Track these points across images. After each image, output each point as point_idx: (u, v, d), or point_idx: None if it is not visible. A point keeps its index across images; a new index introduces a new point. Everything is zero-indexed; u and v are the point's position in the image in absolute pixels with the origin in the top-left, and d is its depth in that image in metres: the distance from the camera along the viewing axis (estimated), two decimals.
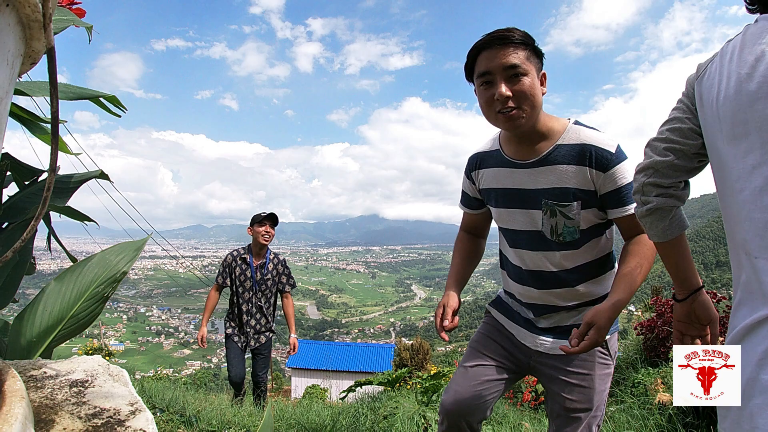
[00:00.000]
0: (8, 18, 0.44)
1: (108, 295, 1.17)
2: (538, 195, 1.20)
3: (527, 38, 1.11)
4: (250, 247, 3.47)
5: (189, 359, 61.57)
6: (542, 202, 1.20)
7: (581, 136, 1.15)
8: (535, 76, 1.11)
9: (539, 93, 1.12)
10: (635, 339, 4.28)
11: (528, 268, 1.30)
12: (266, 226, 3.36)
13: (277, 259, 3.52)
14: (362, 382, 3.32)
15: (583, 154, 1.14)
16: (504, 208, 1.29)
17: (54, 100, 0.52)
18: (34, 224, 0.61)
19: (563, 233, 1.20)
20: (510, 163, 1.24)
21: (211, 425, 2.38)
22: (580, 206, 1.17)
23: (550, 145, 1.18)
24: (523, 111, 1.11)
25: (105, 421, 0.62)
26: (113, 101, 1.47)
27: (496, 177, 1.28)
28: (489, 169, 1.30)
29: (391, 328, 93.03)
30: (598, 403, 1.27)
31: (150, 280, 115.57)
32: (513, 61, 1.08)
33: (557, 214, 1.19)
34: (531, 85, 1.10)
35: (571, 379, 1.27)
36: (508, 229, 1.31)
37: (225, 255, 3.52)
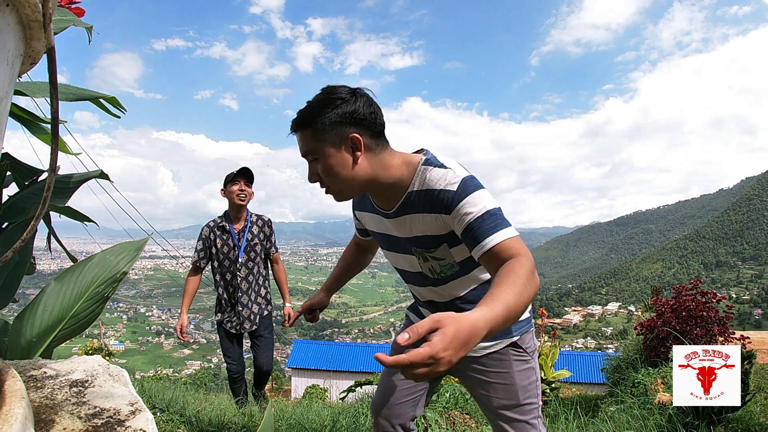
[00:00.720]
0: (8, 18, 0.44)
1: (108, 295, 1.17)
2: (407, 243, 1.22)
3: (311, 115, 1.06)
4: (227, 213, 3.03)
5: (189, 359, 61.59)
6: (412, 249, 1.22)
7: (426, 181, 1.11)
8: (330, 154, 1.06)
9: (341, 165, 1.07)
10: (635, 339, 4.29)
11: (424, 299, 1.35)
12: (240, 183, 2.90)
13: (261, 221, 3.09)
14: (362, 382, 3.32)
15: (430, 201, 1.10)
16: (386, 250, 1.35)
17: (54, 100, 0.52)
18: (34, 224, 0.61)
19: (442, 271, 1.22)
20: (377, 211, 1.25)
21: (211, 425, 2.38)
22: (447, 246, 1.15)
23: (402, 194, 1.15)
24: (332, 188, 1.12)
25: (105, 421, 0.62)
26: (113, 102, 1.47)
27: (373, 221, 1.30)
28: (366, 213, 1.33)
29: (391, 328, 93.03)
30: (526, 396, 1.27)
31: (150, 280, 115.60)
32: (303, 149, 1.10)
33: (428, 258, 1.20)
34: (325, 166, 1.08)
35: (489, 378, 1.29)
36: (396, 267, 1.36)
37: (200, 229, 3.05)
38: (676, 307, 3.67)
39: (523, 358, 1.28)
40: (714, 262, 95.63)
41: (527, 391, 1.28)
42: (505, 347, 1.27)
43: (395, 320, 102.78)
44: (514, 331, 1.27)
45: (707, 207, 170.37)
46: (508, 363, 1.27)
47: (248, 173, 2.95)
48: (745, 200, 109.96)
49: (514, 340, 1.27)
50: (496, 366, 1.28)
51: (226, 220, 2.99)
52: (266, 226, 3.09)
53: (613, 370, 4.38)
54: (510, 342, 1.27)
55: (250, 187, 2.96)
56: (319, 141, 1.06)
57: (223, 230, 2.98)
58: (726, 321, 3.51)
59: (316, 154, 1.08)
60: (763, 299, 69.15)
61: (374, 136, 1.09)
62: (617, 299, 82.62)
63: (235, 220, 3.01)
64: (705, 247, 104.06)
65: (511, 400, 1.27)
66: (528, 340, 1.30)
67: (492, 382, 1.29)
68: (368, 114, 1.07)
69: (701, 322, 3.50)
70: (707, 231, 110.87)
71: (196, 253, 2.98)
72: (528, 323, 1.31)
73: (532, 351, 1.30)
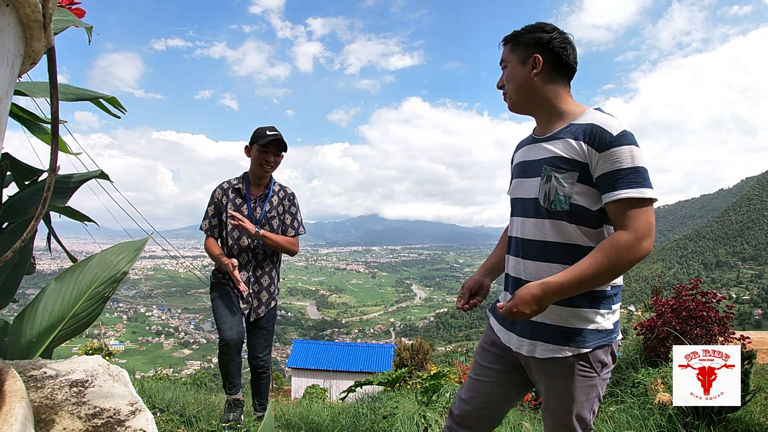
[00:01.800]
0: (8, 18, 0.44)
1: (108, 295, 1.17)
2: (541, 163, 1.29)
3: (517, 34, 1.32)
4: (246, 175, 2.54)
5: (189, 359, 61.59)
6: (542, 168, 1.28)
7: (592, 118, 1.22)
8: (515, 65, 1.32)
9: (519, 77, 1.31)
10: (635, 339, 4.28)
11: (521, 236, 1.34)
12: (270, 154, 2.45)
13: (283, 192, 2.60)
14: (362, 382, 3.32)
15: (586, 132, 1.21)
16: (515, 178, 1.40)
17: (54, 100, 0.52)
18: (34, 224, 0.61)
19: (554, 200, 1.25)
20: (532, 140, 1.38)
21: (211, 425, 2.38)
22: (575, 178, 1.21)
23: (564, 124, 1.28)
24: (509, 95, 1.35)
25: (105, 421, 0.62)
26: (113, 102, 1.47)
27: (521, 154, 1.42)
28: (520, 149, 1.45)
29: (391, 328, 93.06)
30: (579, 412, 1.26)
31: (150, 280, 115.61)
32: (501, 58, 1.36)
33: (552, 179, 1.25)
34: (508, 75, 1.34)
35: (551, 386, 1.28)
36: (513, 198, 1.40)
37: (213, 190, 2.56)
38: (676, 307, 3.67)
39: (588, 374, 1.23)
40: (714, 262, 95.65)
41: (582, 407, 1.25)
42: (572, 357, 1.22)
43: (395, 320, 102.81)
44: (588, 341, 1.21)
45: (707, 207, 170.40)
46: (570, 374, 1.23)
47: (282, 145, 2.47)
48: (745, 200, 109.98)
49: (584, 353, 1.22)
50: (557, 373, 1.25)
51: (243, 183, 2.51)
52: (287, 199, 2.60)
53: (613, 369, 4.37)
54: (578, 353, 1.22)
55: (281, 156, 2.51)
56: (512, 53, 1.32)
57: (237, 194, 2.50)
58: (726, 321, 3.50)
59: (506, 63, 1.34)
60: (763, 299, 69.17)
61: (558, 67, 1.29)
62: None
63: (255, 186, 2.53)
64: (705, 247, 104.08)
65: (562, 410, 1.26)
66: (601, 355, 1.24)
67: (551, 389, 1.27)
68: (559, 47, 1.27)
69: (701, 322, 3.49)
70: (707, 231, 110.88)
71: (206, 220, 2.52)
72: (607, 336, 1.24)
73: (601, 367, 1.25)
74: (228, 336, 2.36)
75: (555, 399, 1.28)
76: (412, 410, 2.58)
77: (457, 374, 5.35)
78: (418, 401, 2.78)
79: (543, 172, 1.27)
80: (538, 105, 1.32)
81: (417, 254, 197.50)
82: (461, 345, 48.01)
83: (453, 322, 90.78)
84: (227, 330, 2.37)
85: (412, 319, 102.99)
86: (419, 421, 2.48)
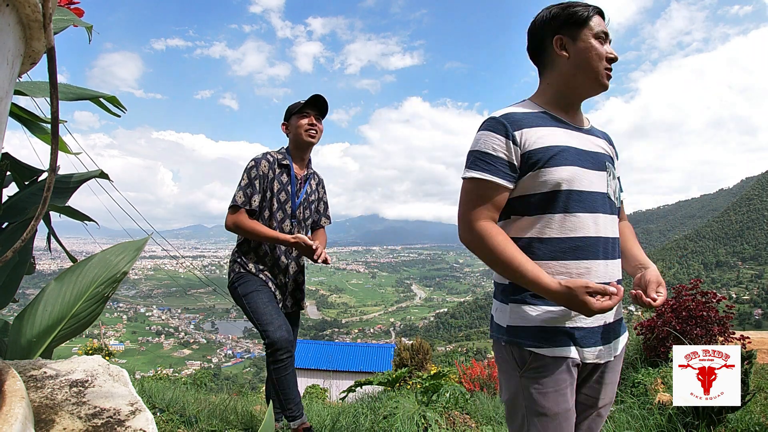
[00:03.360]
0: (8, 18, 0.44)
1: (108, 295, 1.17)
2: (603, 158, 1.23)
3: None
4: (288, 150, 2.23)
5: (189, 359, 61.61)
6: (605, 163, 1.23)
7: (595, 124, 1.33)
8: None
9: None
10: (635, 339, 4.28)
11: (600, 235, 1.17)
12: (310, 116, 2.15)
13: (316, 176, 2.34)
14: (362, 382, 3.32)
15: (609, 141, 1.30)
16: (579, 167, 1.16)
17: (54, 100, 0.52)
18: (34, 224, 0.61)
19: (618, 197, 1.27)
20: (569, 126, 1.22)
21: (211, 425, 2.38)
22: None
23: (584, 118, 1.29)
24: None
25: (105, 421, 0.62)
26: (113, 101, 1.47)
27: (556, 135, 1.17)
28: (538, 128, 1.17)
29: (391, 328, 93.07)
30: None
31: (150, 280, 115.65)
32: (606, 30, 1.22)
33: (614, 176, 1.25)
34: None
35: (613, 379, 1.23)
36: (584, 191, 1.16)
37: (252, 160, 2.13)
38: (676, 307, 3.67)
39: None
40: (714, 262, 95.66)
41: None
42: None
43: (395, 320, 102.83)
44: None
45: (707, 207, 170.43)
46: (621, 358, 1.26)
47: (322, 104, 2.17)
48: (745, 200, 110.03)
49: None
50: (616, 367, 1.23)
51: (287, 157, 2.19)
52: (321, 186, 2.37)
53: None
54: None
55: (321, 122, 2.21)
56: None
57: (284, 171, 2.16)
58: (726, 321, 3.51)
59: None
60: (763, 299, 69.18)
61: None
62: None
63: (298, 161, 2.21)
64: (705, 247, 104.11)
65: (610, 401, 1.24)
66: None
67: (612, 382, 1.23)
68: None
69: (701, 322, 3.50)
70: (707, 231, 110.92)
71: (242, 191, 2.06)
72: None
73: None
74: (279, 337, 1.93)
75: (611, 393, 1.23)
76: (412, 410, 2.58)
77: (457, 374, 5.35)
78: (418, 401, 2.78)
79: (608, 168, 1.23)
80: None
81: (417, 254, 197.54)
82: (461, 345, 48.03)
83: (453, 322, 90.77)
84: (277, 330, 1.94)
85: (412, 319, 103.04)
86: (419, 421, 2.48)
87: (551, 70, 1.22)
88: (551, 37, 1.19)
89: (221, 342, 76.15)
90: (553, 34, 1.19)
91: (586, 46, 1.17)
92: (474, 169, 1.16)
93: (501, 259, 1.09)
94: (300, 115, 2.16)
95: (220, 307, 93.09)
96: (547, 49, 1.21)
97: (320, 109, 2.19)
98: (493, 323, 1.24)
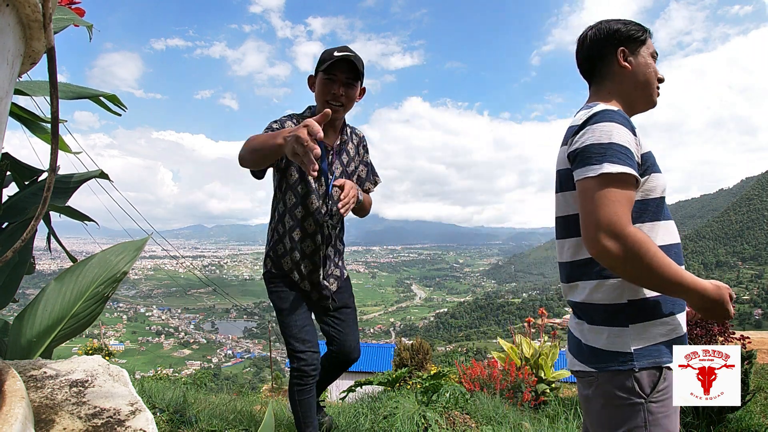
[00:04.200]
0: (8, 18, 0.44)
1: (108, 295, 1.17)
2: None
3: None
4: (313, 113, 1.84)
5: (189, 359, 61.65)
6: None
7: None
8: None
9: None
10: None
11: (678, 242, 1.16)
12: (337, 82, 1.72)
13: (356, 136, 1.97)
14: (362, 382, 3.32)
15: None
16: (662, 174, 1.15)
17: (54, 99, 0.52)
18: (34, 224, 0.61)
19: None
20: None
21: (211, 425, 2.38)
22: None
23: None
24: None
25: (105, 421, 0.62)
26: (113, 100, 1.47)
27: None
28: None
29: (391, 328, 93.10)
30: None
31: (150, 280, 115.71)
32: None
33: None
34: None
35: None
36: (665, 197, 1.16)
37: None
38: None
39: None
40: (714, 262, 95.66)
41: None
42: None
43: (395, 320, 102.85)
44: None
45: (707, 207, 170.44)
46: None
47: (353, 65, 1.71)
48: (745, 200, 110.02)
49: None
50: None
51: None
52: (362, 145, 1.99)
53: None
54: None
55: (355, 87, 1.77)
56: None
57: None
58: (725, 321, 3.51)
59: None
60: (763, 299, 69.18)
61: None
62: None
63: (326, 129, 1.79)
64: (705, 247, 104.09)
65: None
66: None
67: None
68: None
69: (701, 322, 3.50)
70: (707, 231, 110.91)
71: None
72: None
73: None
74: (310, 360, 1.80)
75: None
76: (412, 410, 2.58)
77: (457, 374, 5.35)
78: (418, 401, 2.78)
79: None
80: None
81: (417, 254, 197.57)
82: (461, 345, 48.03)
83: (453, 322, 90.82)
84: (308, 351, 1.80)
85: (412, 319, 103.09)
86: (419, 421, 2.49)
87: (611, 80, 1.23)
88: (615, 48, 1.21)
89: (221, 342, 76.23)
90: (617, 47, 1.21)
91: (646, 62, 1.21)
92: (618, 163, 0.99)
93: (660, 272, 0.97)
94: (327, 75, 1.72)
95: (220, 307, 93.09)
96: (607, 59, 1.22)
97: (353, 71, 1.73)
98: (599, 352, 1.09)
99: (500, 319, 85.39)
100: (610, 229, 0.96)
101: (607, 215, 0.97)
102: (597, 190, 1.00)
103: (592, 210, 0.99)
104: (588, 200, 1.01)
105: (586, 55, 1.26)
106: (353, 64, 1.71)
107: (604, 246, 0.97)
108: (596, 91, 1.25)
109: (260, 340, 71.22)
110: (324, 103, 1.75)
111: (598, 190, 0.99)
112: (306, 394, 1.86)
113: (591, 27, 1.27)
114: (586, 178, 1.02)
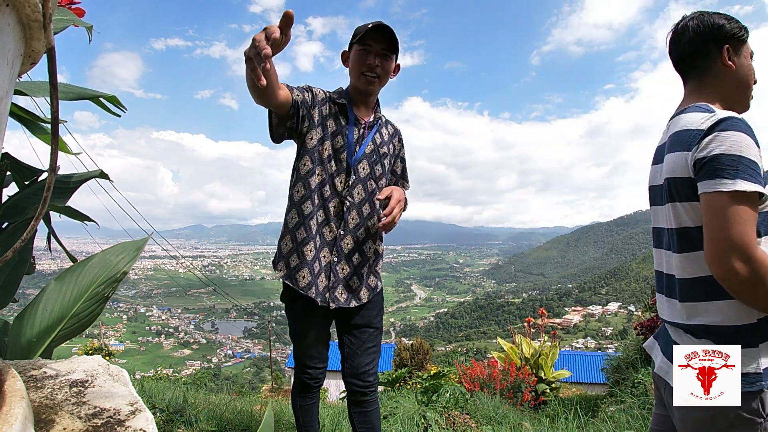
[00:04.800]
0: (8, 18, 0.44)
1: (108, 295, 1.17)
2: None
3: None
4: (346, 91, 1.73)
5: (189, 359, 61.65)
6: None
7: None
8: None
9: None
10: (635, 339, 4.29)
11: None
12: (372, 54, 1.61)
13: (392, 127, 1.85)
14: None
15: None
16: None
17: (54, 100, 0.52)
18: (34, 224, 0.61)
19: None
20: None
21: (211, 425, 2.38)
22: None
23: None
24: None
25: (105, 421, 0.62)
26: (113, 101, 1.47)
27: None
28: None
29: (391, 328, 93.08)
30: None
31: (150, 280, 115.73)
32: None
33: None
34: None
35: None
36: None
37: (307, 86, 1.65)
38: None
39: None
40: None
41: None
42: None
43: (395, 320, 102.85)
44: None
45: None
46: None
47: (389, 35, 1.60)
48: None
49: None
50: None
51: (345, 97, 1.70)
52: (398, 139, 1.86)
53: (613, 370, 4.39)
54: None
55: (390, 59, 1.65)
56: None
57: (341, 111, 1.68)
58: None
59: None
60: None
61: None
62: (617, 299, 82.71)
63: (356, 105, 1.71)
64: None
65: None
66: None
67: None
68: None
69: None
70: None
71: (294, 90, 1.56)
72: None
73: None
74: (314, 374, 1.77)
75: None
76: (412, 410, 2.58)
77: (457, 374, 5.35)
78: (418, 401, 2.78)
79: None
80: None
81: (417, 254, 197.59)
82: (461, 345, 48.04)
83: (453, 322, 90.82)
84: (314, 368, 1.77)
85: (412, 319, 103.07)
86: (419, 421, 2.49)
87: (714, 78, 1.15)
88: (719, 45, 1.13)
89: (221, 342, 76.23)
90: (722, 43, 1.13)
91: (748, 63, 1.15)
92: (751, 180, 0.94)
93: None
94: (362, 46, 1.61)
95: (220, 307, 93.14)
96: (711, 55, 1.14)
97: (389, 40, 1.61)
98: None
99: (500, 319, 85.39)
100: (741, 251, 0.92)
101: (739, 235, 0.93)
102: (729, 207, 0.94)
103: (722, 228, 0.94)
104: (717, 217, 0.95)
105: (688, 49, 1.16)
106: (389, 33, 1.60)
107: (733, 267, 0.92)
108: (697, 89, 1.17)
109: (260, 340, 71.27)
110: (359, 76, 1.63)
111: (730, 207, 0.94)
112: (309, 401, 1.85)
113: (691, 17, 1.17)
114: (718, 192, 0.95)
